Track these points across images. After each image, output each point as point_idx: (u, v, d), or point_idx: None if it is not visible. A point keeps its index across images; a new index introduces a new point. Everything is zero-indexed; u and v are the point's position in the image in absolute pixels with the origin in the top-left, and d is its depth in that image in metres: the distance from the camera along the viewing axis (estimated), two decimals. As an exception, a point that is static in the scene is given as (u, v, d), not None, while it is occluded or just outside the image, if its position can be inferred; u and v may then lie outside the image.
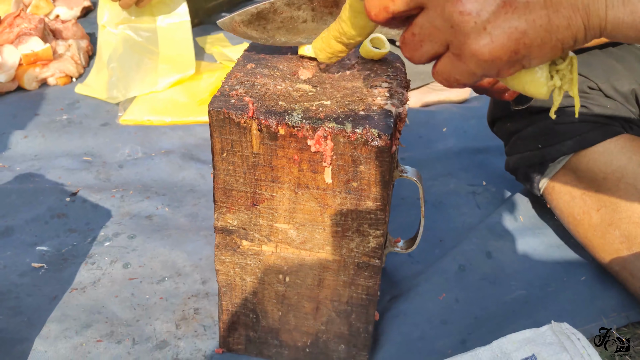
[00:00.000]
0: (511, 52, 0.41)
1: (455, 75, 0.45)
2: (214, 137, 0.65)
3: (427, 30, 0.44)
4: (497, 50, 0.41)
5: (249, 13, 0.63)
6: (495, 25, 0.40)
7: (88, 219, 1.09)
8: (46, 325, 0.88)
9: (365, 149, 0.62)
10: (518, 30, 0.40)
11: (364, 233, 0.68)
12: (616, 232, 0.89)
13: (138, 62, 1.49)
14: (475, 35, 0.41)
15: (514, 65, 0.42)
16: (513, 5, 0.40)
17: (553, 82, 0.46)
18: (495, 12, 0.40)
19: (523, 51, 0.41)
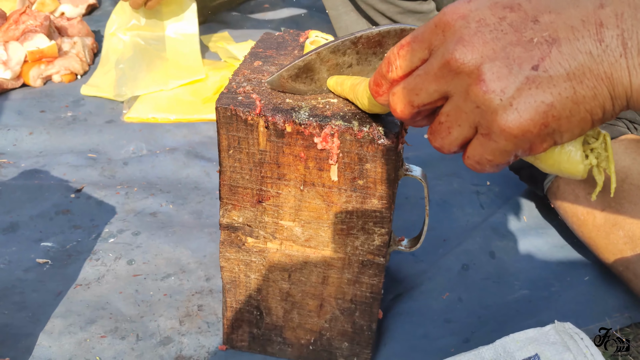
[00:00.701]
0: (541, 126, 0.41)
1: (487, 156, 0.44)
2: (221, 134, 0.65)
3: (453, 116, 0.44)
4: (526, 124, 0.41)
5: (296, 67, 0.63)
6: (521, 101, 0.41)
7: (93, 216, 1.09)
8: (50, 321, 0.88)
9: (372, 147, 0.62)
10: (545, 103, 0.41)
11: (369, 231, 0.69)
12: (620, 233, 0.89)
13: (148, 63, 1.50)
14: (502, 111, 0.41)
15: (545, 139, 0.42)
16: (537, 80, 0.40)
17: (589, 161, 0.46)
18: (520, 88, 0.41)
19: (552, 124, 0.41)
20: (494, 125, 0.42)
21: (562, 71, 0.40)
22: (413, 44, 0.45)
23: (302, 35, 0.77)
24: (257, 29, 1.89)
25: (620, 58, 0.39)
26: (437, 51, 0.44)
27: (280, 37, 0.77)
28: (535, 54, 0.41)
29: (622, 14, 0.39)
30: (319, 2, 2.10)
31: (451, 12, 0.43)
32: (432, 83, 0.44)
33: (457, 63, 0.42)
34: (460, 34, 0.42)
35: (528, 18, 0.41)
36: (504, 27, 0.42)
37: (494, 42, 0.41)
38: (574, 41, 0.40)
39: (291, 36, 0.78)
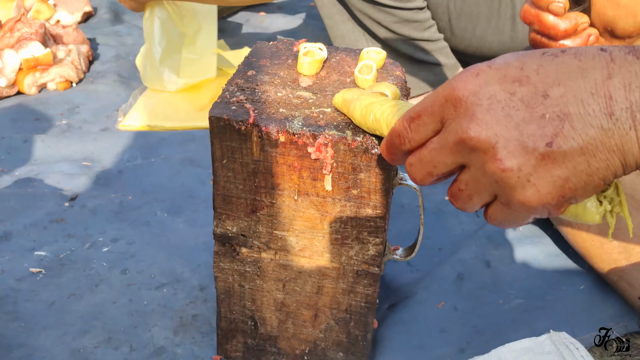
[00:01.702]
0: (558, 197, 0.43)
1: (508, 222, 0.47)
2: (214, 144, 0.65)
3: (472, 185, 0.46)
4: (544, 197, 0.43)
5: None
6: (538, 177, 0.42)
7: (87, 224, 1.09)
8: (44, 331, 0.88)
9: (366, 157, 0.62)
10: (561, 178, 0.42)
11: (364, 241, 0.68)
12: (614, 243, 0.89)
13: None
14: (521, 188, 0.43)
15: (562, 205, 0.44)
16: (552, 156, 0.42)
17: (603, 208, 0.48)
18: (536, 165, 0.42)
19: (569, 194, 0.43)
20: (513, 199, 0.44)
21: (575, 146, 0.41)
22: (424, 117, 0.46)
23: (296, 44, 0.77)
24: (252, 37, 1.90)
25: (630, 130, 0.40)
26: (449, 126, 0.45)
27: (274, 47, 0.77)
28: (548, 130, 0.41)
29: (630, 84, 0.40)
30: (314, 11, 2.10)
31: (462, 87, 0.44)
32: (449, 156, 0.45)
33: (472, 142, 0.43)
34: (473, 111, 0.43)
35: (538, 92, 0.42)
36: (515, 103, 0.42)
37: (506, 119, 0.42)
38: (585, 116, 0.41)
39: (285, 45, 0.78)
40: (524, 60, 0.43)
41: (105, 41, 1.80)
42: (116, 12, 2.00)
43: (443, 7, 1.40)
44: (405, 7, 1.34)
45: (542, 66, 0.43)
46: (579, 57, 0.42)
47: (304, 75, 0.71)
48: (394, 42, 1.40)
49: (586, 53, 0.42)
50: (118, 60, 1.71)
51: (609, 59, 0.41)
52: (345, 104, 0.62)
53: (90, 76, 1.62)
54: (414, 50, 1.41)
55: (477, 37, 1.44)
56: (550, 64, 0.43)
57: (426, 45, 1.41)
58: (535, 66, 0.43)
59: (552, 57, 0.43)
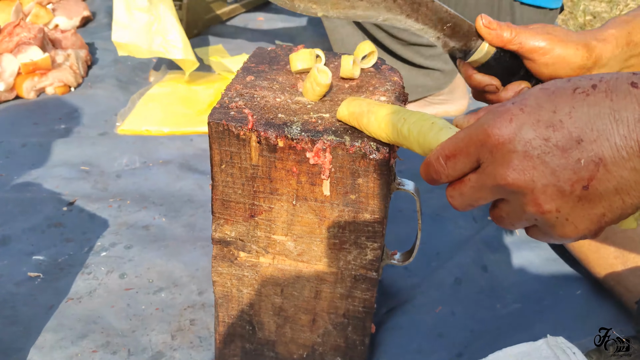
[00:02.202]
0: (596, 229, 0.46)
1: (550, 242, 0.50)
2: (213, 149, 0.65)
3: (514, 216, 0.48)
4: (582, 231, 0.46)
5: None
6: (576, 216, 0.45)
7: (85, 229, 1.09)
8: (42, 335, 0.88)
9: (364, 162, 0.62)
10: (597, 215, 0.45)
11: (362, 245, 0.69)
12: (611, 247, 0.89)
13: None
14: (560, 226, 0.46)
15: (599, 233, 0.47)
16: (588, 197, 0.44)
17: (638, 213, 0.48)
18: (574, 207, 0.44)
19: (605, 225, 0.46)
20: (553, 234, 0.47)
21: (610, 187, 0.43)
22: (460, 157, 0.48)
23: (294, 50, 0.77)
24: (251, 42, 1.90)
25: None
26: (487, 168, 0.47)
27: (273, 52, 0.78)
28: (584, 174, 0.43)
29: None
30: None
31: (497, 134, 0.45)
32: (488, 194, 0.48)
33: (511, 187, 0.45)
34: (510, 158, 0.45)
35: (572, 138, 0.43)
36: (550, 148, 0.44)
37: (543, 165, 0.44)
38: (619, 159, 0.42)
39: (284, 51, 0.78)
40: (556, 103, 0.44)
41: (103, 46, 1.80)
42: (115, 17, 2.00)
43: (442, 13, 1.41)
44: None
45: (575, 108, 0.44)
46: (610, 95, 0.43)
47: (301, 82, 0.71)
48: (393, 46, 1.41)
49: (617, 90, 0.43)
50: (116, 64, 1.71)
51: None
52: (354, 117, 0.61)
53: (88, 81, 1.62)
54: (413, 55, 1.41)
55: None
56: (582, 106, 0.44)
57: (425, 50, 1.41)
58: (568, 109, 0.44)
59: (584, 96, 0.44)
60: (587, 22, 2.05)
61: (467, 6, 1.39)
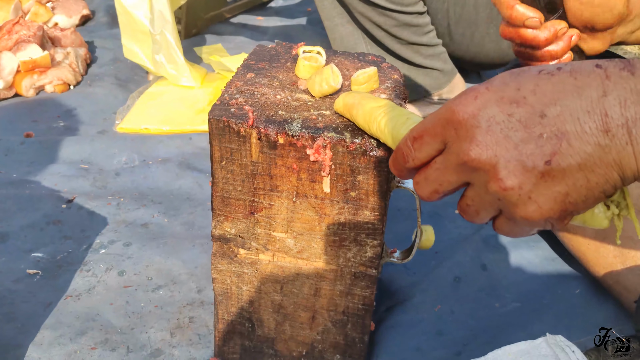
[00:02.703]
0: (560, 212, 0.44)
1: (514, 233, 0.48)
2: (214, 145, 0.65)
3: (478, 202, 0.47)
4: (546, 212, 0.44)
5: None
6: (539, 194, 0.44)
7: (84, 226, 1.09)
8: (40, 332, 0.88)
9: (364, 159, 0.62)
10: (561, 193, 0.43)
11: (361, 243, 0.69)
12: (610, 246, 0.90)
13: None
14: (523, 204, 0.44)
15: (565, 218, 0.46)
16: (551, 173, 0.43)
17: (611, 212, 0.48)
18: (536, 183, 0.43)
19: (570, 208, 0.44)
20: (516, 215, 0.45)
21: (573, 163, 0.42)
22: (426, 137, 0.48)
23: (295, 47, 0.77)
24: (250, 41, 1.90)
25: (627, 146, 0.41)
26: (451, 147, 0.46)
27: (273, 50, 0.78)
28: (546, 149, 0.43)
29: (625, 101, 0.41)
30: (312, 15, 2.11)
31: (461, 110, 0.45)
32: (453, 176, 0.47)
33: (473, 163, 0.45)
34: (473, 133, 0.44)
35: (535, 113, 0.43)
36: (513, 123, 0.43)
37: (506, 140, 0.44)
38: (582, 134, 0.42)
39: (284, 49, 0.78)
40: (520, 81, 0.44)
41: (102, 44, 1.80)
42: (114, 16, 2.00)
43: (443, 13, 1.41)
44: (405, 11, 1.35)
45: (539, 86, 0.43)
46: (574, 75, 0.43)
47: (302, 79, 0.71)
48: (392, 45, 1.41)
49: (582, 70, 0.43)
50: (116, 63, 1.71)
51: (604, 76, 0.42)
52: (347, 108, 0.62)
53: (87, 79, 1.62)
54: (413, 55, 1.41)
55: (476, 43, 1.45)
56: (547, 84, 0.43)
57: (425, 50, 1.41)
58: (532, 86, 0.44)
59: (549, 76, 0.44)
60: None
61: (466, 7, 1.39)
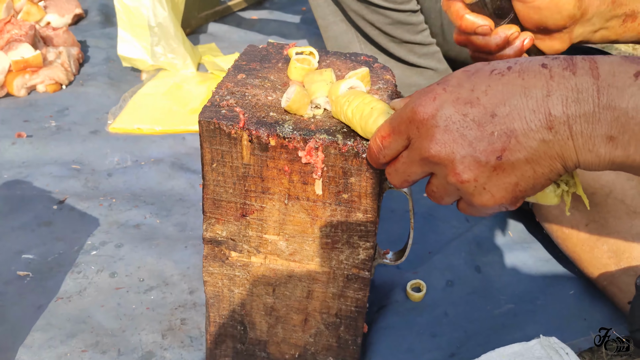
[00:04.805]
0: (511, 198, 0.50)
1: (475, 214, 0.55)
2: (204, 148, 0.65)
3: (441, 189, 0.53)
4: (499, 200, 0.50)
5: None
6: (492, 185, 0.50)
7: (75, 228, 1.08)
8: (30, 335, 0.87)
9: (356, 161, 0.62)
10: (511, 184, 0.49)
11: (354, 245, 0.68)
12: (604, 247, 0.89)
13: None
14: (478, 194, 0.50)
15: (516, 203, 0.51)
16: (502, 167, 0.48)
17: (560, 189, 0.54)
18: (489, 176, 0.49)
19: (520, 194, 0.50)
20: (473, 202, 0.52)
21: (521, 157, 0.48)
22: (393, 135, 0.53)
23: (286, 47, 0.77)
24: (244, 40, 1.89)
25: (568, 140, 0.46)
26: (414, 144, 0.52)
27: (264, 50, 0.77)
28: (497, 146, 0.48)
29: (567, 99, 0.46)
30: (306, 14, 2.10)
31: (421, 111, 0.50)
32: (418, 168, 0.53)
33: (434, 159, 0.50)
34: (432, 132, 0.50)
35: (487, 112, 0.48)
36: (468, 123, 0.49)
37: (461, 138, 0.49)
38: (528, 131, 0.47)
39: (275, 49, 0.77)
40: (474, 82, 0.49)
41: (95, 43, 1.79)
42: (107, 15, 1.99)
43: (436, 12, 1.40)
44: (399, 9, 1.34)
45: (490, 87, 0.48)
46: (522, 75, 0.48)
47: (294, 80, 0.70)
48: (386, 44, 1.40)
49: (529, 70, 0.48)
50: (108, 62, 1.70)
51: (549, 76, 0.47)
52: (333, 102, 0.63)
53: (80, 78, 1.61)
54: (406, 54, 1.41)
55: None
56: (497, 84, 0.48)
57: (418, 48, 1.41)
58: (484, 87, 0.49)
59: (499, 77, 0.48)
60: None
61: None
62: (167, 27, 1.52)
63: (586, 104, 0.45)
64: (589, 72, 0.46)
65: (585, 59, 0.47)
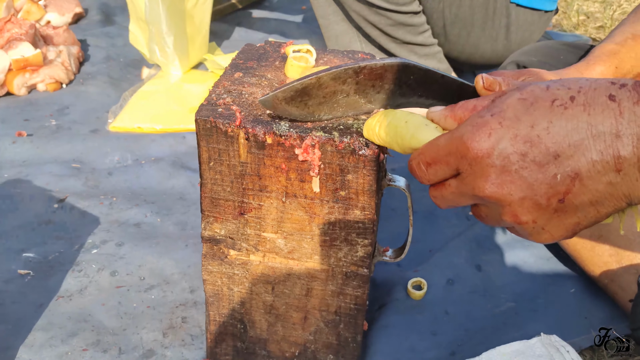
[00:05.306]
0: (570, 235, 0.48)
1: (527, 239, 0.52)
2: (201, 146, 0.65)
3: (492, 219, 0.50)
4: (558, 237, 0.48)
5: (293, 89, 0.59)
6: (552, 226, 0.47)
7: (75, 226, 1.08)
8: (31, 334, 0.87)
9: (353, 158, 0.62)
10: (572, 224, 0.47)
11: (352, 242, 0.68)
12: (605, 245, 0.89)
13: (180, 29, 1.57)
14: (536, 234, 0.48)
15: (575, 235, 0.49)
16: (564, 209, 0.46)
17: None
18: (549, 218, 0.46)
19: (579, 231, 0.48)
20: (531, 239, 0.49)
21: (585, 200, 0.45)
22: (440, 165, 0.50)
23: (283, 46, 0.76)
24: (244, 39, 1.89)
25: (637, 182, 0.43)
26: (466, 179, 0.48)
27: (262, 49, 0.77)
28: (560, 189, 0.45)
29: (638, 138, 0.42)
30: (307, 13, 2.10)
31: (475, 147, 0.46)
32: (468, 200, 0.50)
33: (489, 199, 0.47)
34: (488, 172, 0.46)
35: (550, 153, 0.44)
36: (527, 163, 0.45)
37: (520, 180, 0.45)
38: (595, 174, 0.44)
39: (272, 47, 0.77)
40: (534, 117, 0.45)
41: (95, 42, 1.79)
42: (107, 14, 1.99)
43: (438, 13, 1.40)
44: (400, 10, 1.34)
45: (552, 123, 0.44)
46: (588, 109, 0.44)
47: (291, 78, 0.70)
48: (387, 44, 1.40)
49: (595, 104, 0.43)
50: (108, 61, 1.70)
51: (618, 113, 0.43)
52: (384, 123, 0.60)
53: (80, 77, 1.61)
54: (408, 54, 1.41)
55: (471, 44, 1.44)
56: (560, 120, 0.44)
57: (420, 49, 1.41)
58: (546, 124, 0.44)
59: (562, 110, 0.44)
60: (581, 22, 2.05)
61: (462, 7, 1.38)
62: (159, 25, 1.51)
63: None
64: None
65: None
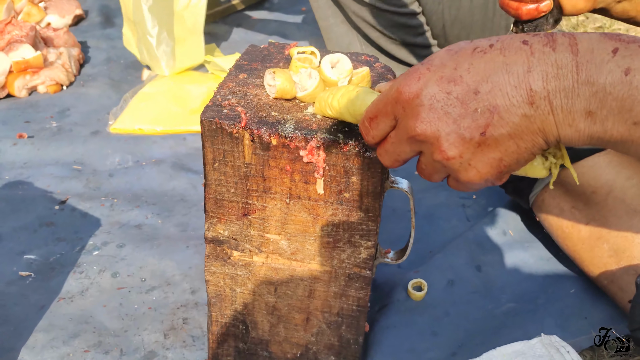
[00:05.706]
0: (496, 173, 0.52)
1: (464, 190, 0.56)
2: (206, 147, 0.65)
3: (430, 167, 0.54)
4: (484, 175, 0.52)
5: None
6: (477, 160, 0.51)
7: (77, 228, 1.08)
8: (33, 335, 0.87)
9: (357, 160, 0.62)
10: (495, 159, 0.50)
11: (355, 244, 0.68)
12: (605, 246, 0.89)
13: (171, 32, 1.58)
14: (464, 170, 0.52)
15: (502, 178, 0.53)
16: (486, 143, 0.49)
17: (549, 162, 0.55)
18: (474, 152, 0.50)
19: (504, 169, 0.51)
20: (460, 178, 0.53)
21: (504, 133, 0.49)
22: (380, 116, 0.54)
23: (287, 47, 0.77)
24: (244, 41, 1.89)
25: (549, 115, 0.47)
26: (401, 123, 0.53)
27: (266, 50, 0.77)
28: (480, 122, 0.49)
29: (547, 75, 0.47)
30: (307, 14, 2.10)
31: (406, 91, 0.51)
32: (406, 147, 0.54)
33: (420, 137, 0.51)
34: (418, 111, 0.51)
35: (470, 90, 0.49)
36: (452, 101, 0.50)
37: (446, 116, 0.50)
38: (510, 106, 0.48)
39: (276, 49, 0.78)
40: (457, 60, 0.50)
41: (96, 44, 1.79)
42: (107, 16, 1.99)
43: (438, 14, 1.41)
44: (400, 11, 1.35)
45: (473, 65, 0.49)
46: (504, 52, 0.48)
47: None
48: (387, 45, 1.41)
49: (510, 47, 0.48)
50: (109, 63, 1.70)
51: (529, 53, 0.47)
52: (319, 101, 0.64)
53: (81, 79, 1.61)
54: (407, 55, 1.41)
55: None
56: (480, 62, 0.49)
57: (419, 50, 1.41)
58: (467, 65, 0.49)
59: (482, 54, 0.49)
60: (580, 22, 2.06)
61: (461, 9, 1.39)
62: (144, 25, 1.51)
63: (565, 79, 0.46)
64: (569, 48, 0.47)
65: (565, 35, 0.48)
